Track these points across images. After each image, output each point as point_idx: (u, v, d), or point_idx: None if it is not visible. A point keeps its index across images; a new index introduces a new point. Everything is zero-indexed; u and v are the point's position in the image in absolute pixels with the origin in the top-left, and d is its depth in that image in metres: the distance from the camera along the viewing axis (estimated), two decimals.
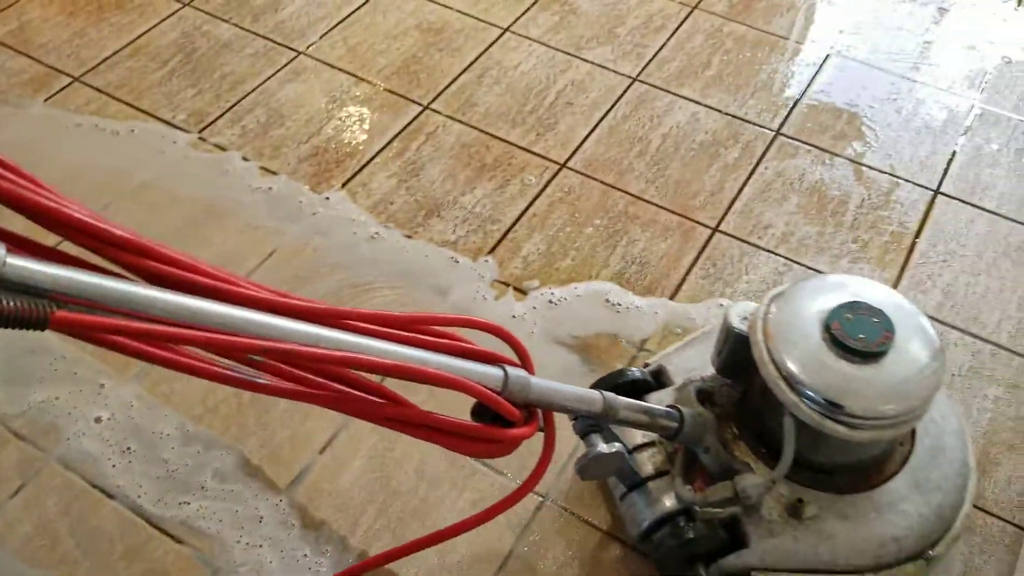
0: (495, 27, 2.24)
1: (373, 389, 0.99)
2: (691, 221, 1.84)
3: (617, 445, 1.18)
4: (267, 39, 2.19)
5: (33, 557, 1.35)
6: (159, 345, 0.88)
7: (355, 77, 2.10)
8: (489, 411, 1.03)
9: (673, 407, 1.25)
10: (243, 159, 1.91)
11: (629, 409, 1.18)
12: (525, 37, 2.21)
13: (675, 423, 1.23)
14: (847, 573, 1.24)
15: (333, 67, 2.13)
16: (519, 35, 2.22)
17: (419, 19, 2.25)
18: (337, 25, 2.23)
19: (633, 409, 1.20)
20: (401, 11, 2.27)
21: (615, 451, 1.17)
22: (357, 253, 1.75)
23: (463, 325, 1.08)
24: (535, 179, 1.90)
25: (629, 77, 2.12)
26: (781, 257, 1.78)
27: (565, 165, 1.93)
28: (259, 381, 0.94)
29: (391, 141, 1.97)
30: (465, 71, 2.12)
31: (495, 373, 1.03)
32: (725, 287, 1.73)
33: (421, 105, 2.05)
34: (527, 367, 1.08)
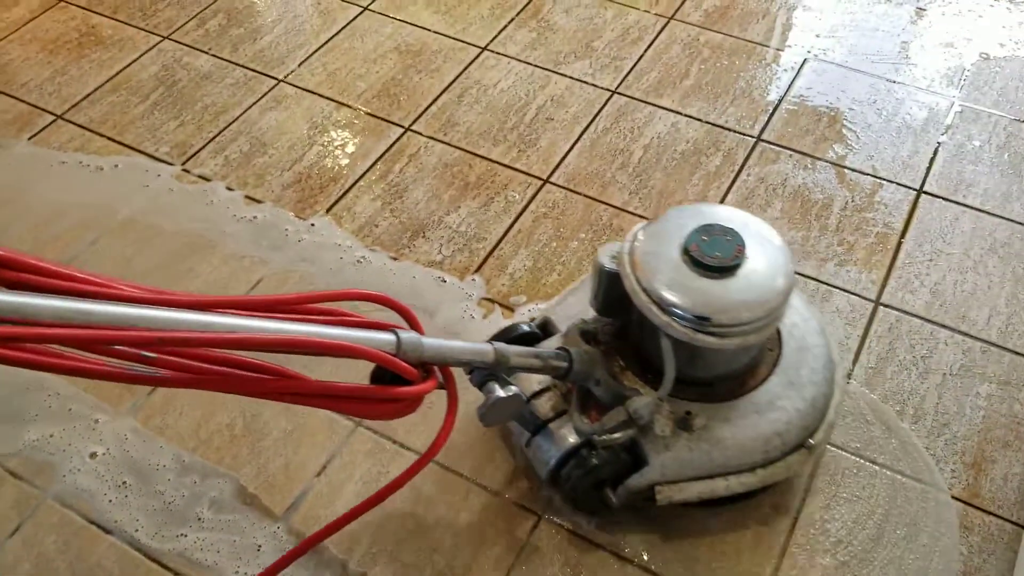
0: (473, 46, 2.25)
1: (264, 368, 1.01)
2: None
3: (514, 388, 1.23)
4: (247, 68, 2.20)
5: None
6: (43, 351, 0.88)
7: (336, 102, 2.11)
8: (387, 374, 1.08)
9: (562, 349, 1.33)
10: (227, 189, 1.92)
11: (521, 355, 1.26)
12: (503, 55, 2.22)
13: (565, 363, 1.30)
14: (741, 472, 1.34)
15: (313, 93, 2.13)
16: (497, 53, 2.23)
17: (397, 42, 2.26)
18: (316, 51, 2.24)
19: (524, 355, 1.27)
20: (379, 35, 2.28)
21: (512, 394, 1.22)
22: (344, 278, 1.76)
23: (348, 299, 1.13)
24: (519, 195, 1.91)
25: (608, 90, 2.13)
26: None
27: (548, 180, 1.93)
28: (155, 374, 0.95)
29: (374, 164, 1.97)
30: (445, 91, 2.13)
31: (387, 338, 1.07)
32: None
33: (402, 127, 2.05)
34: (417, 330, 1.12)
